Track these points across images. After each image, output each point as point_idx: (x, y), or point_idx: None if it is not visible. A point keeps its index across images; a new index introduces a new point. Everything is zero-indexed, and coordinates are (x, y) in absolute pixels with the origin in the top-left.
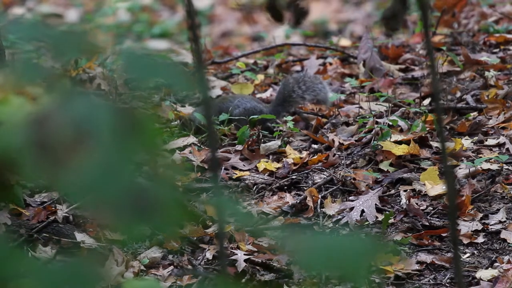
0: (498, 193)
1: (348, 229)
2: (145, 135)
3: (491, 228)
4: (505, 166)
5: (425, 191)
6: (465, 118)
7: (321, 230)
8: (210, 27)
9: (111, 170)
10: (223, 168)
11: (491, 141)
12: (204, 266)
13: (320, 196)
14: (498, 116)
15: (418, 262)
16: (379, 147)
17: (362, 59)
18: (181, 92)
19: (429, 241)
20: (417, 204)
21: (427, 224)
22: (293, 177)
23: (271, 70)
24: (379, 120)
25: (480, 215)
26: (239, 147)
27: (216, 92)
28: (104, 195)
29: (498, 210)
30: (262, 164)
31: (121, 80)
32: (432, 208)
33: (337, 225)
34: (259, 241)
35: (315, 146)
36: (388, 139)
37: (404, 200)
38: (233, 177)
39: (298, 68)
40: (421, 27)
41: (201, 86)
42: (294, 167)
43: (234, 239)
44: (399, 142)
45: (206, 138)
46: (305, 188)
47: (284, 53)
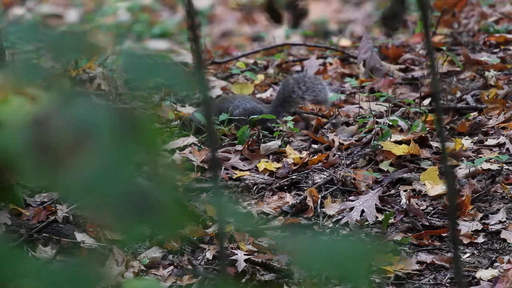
0: (498, 193)
1: (348, 229)
2: (145, 135)
3: (491, 228)
4: (505, 166)
5: (425, 191)
6: (465, 118)
7: (321, 230)
8: (210, 27)
9: (111, 171)
10: (223, 168)
11: (491, 141)
12: (204, 266)
13: (320, 196)
14: (498, 116)
15: (418, 262)
16: (379, 147)
17: (362, 59)
18: (181, 92)
19: (429, 241)
20: (417, 204)
21: (427, 224)
22: (293, 177)
23: (271, 70)
24: (379, 120)
25: (480, 215)
26: (239, 147)
27: (216, 92)
28: (104, 196)
29: (498, 210)
30: (262, 164)
31: (121, 80)
32: (432, 208)
33: (337, 225)
34: (259, 241)
35: (315, 146)
36: (388, 139)
37: (404, 200)
38: (233, 177)
39: (298, 68)
40: (421, 27)
41: (201, 86)
42: (294, 167)
43: (234, 239)
44: (399, 142)
45: (206, 138)
46: (305, 188)
47: (284, 53)
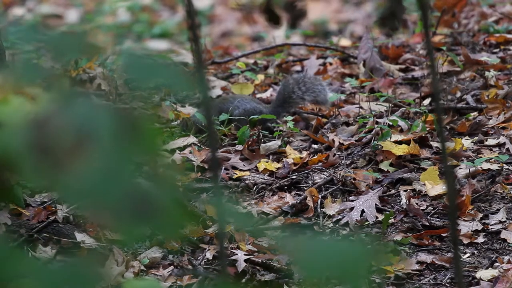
0: (498, 193)
1: (348, 229)
2: (145, 135)
3: (491, 228)
4: (505, 166)
5: (425, 191)
6: (465, 118)
7: (321, 230)
8: (210, 27)
9: (111, 171)
10: (223, 168)
11: (491, 141)
12: (204, 266)
13: (320, 196)
14: (498, 116)
15: (418, 262)
16: (379, 147)
17: (362, 59)
18: (181, 92)
19: (429, 241)
20: (417, 204)
21: (427, 224)
22: (293, 177)
23: (271, 70)
24: (379, 120)
25: (480, 215)
26: (239, 147)
27: (216, 92)
28: (104, 197)
29: (498, 210)
30: (262, 164)
31: (121, 80)
32: (432, 208)
33: (337, 225)
34: (259, 241)
35: (315, 146)
36: (388, 139)
37: (404, 200)
38: (233, 177)
39: (298, 68)
40: (421, 27)
41: (201, 86)
42: (294, 167)
43: (234, 239)
44: (399, 142)
45: (206, 138)
46: (305, 188)
47: (284, 53)
